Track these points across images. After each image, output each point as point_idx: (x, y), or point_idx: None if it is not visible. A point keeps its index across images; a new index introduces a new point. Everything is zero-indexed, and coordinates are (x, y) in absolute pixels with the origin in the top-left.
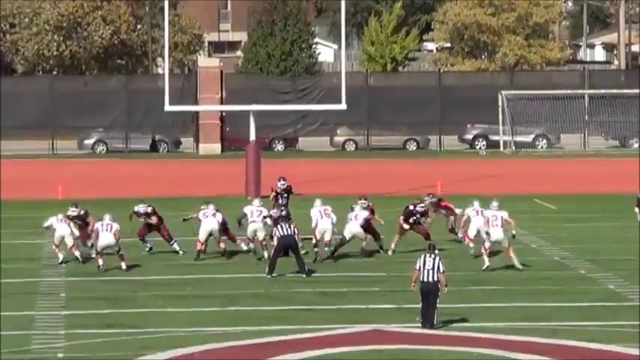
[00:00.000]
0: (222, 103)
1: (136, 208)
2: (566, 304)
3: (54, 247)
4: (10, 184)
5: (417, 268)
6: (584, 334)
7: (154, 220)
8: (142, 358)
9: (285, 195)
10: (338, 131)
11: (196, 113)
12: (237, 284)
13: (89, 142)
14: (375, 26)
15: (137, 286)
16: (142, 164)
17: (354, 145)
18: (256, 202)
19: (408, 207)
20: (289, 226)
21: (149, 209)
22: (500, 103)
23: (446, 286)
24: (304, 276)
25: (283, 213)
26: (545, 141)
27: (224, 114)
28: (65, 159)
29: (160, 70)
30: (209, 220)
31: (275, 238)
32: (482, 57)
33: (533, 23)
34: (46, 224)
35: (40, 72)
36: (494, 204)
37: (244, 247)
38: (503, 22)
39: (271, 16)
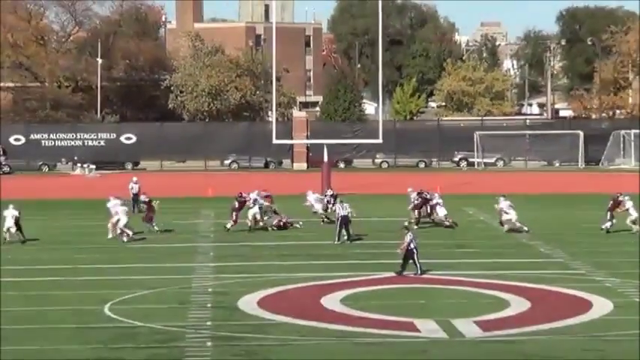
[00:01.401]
0: (307, 138)
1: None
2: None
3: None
4: (179, 187)
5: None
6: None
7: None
8: (264, 292)
9: (334, 195)
10: (377, 156)
11: (292, 145)
12: (315, 247)
13: (227, 161)
14: (399, 92)
15: (257, 248)
16: (259, 175)
17: (386, 164)
18: (312, 195)
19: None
20: (346, 208)
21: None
22: (475, 139)
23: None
24: (349, 242)
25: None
26: (502, 162)
27: (309, 145)
28: (213, 172)
29: (270, 119)
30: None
31: (338, 216)
32: (464, 111)
33: (495, 91)
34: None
35: (198, 120)
36: (501, 199)
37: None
38: (477, 90)
39: (337, 86)
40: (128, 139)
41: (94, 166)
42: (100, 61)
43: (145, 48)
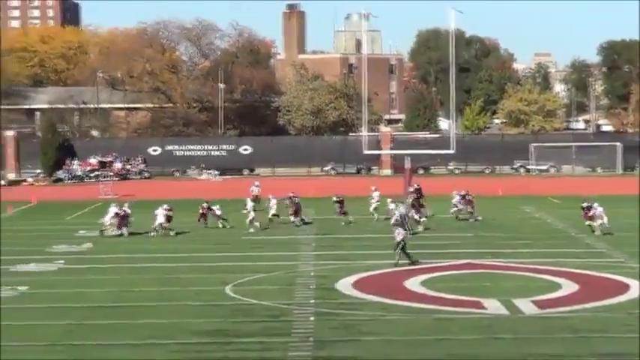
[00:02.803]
0: (392, 149)
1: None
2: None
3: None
4: (287, 189)
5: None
6: (583, 266)
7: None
8: (357, 275)
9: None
10: (450, 164)
11: (379, 154)
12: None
13: (326, 168)
14: (468, 111)
15: (351, 240)
16: (352, 180)
17: (458, 170)
18: (376, 194)
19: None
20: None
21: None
22: (530, 150)
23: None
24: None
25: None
26: (553, 169)
27: (393, 155)
28: (314, 177)
29: (361, 133)
30: None
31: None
32: (521, 126)
33: (547, 110)
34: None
35: (302, 134)
36: (596, 204)
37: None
38: (532, 109)
39: (416, 106)
40: (245, 150)
41: (217, 172)
42: (221, 86)
43: (258, 75)
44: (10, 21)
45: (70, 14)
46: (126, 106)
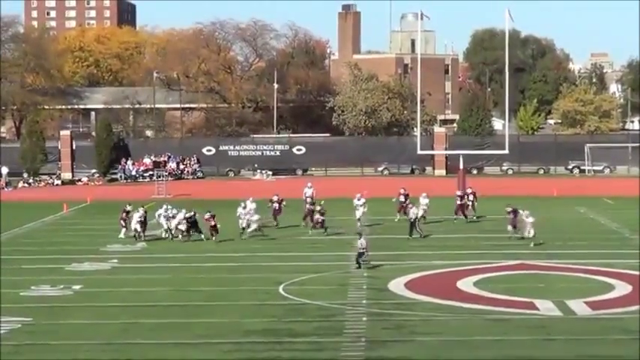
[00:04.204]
0: (446, 149)
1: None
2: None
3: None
4: (340, 189)
5: None
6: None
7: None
8: (409, 276)
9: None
10: (504, 164)
11: (433, 155)
12: (445, 240)
13: (380, 168)
14: (522, 112)
15: (401, 240)
16: (406, 180)
17: (512, 170)
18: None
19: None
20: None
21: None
22: (585, 150)
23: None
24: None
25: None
26: (608, 169)
27: (447, 155)
28: (368, 177)
29: (415, 134)
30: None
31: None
32: (577, 127)
33: (603, 110)
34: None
35: (356, 134)
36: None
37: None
38: (587, 110)
39: (470, 106)
40: (299, 150)
41: (270, 172)
42: (276, 86)
43: (312, 75)
44: (67, 21)
45: (126, 15)
46: (181, 106)
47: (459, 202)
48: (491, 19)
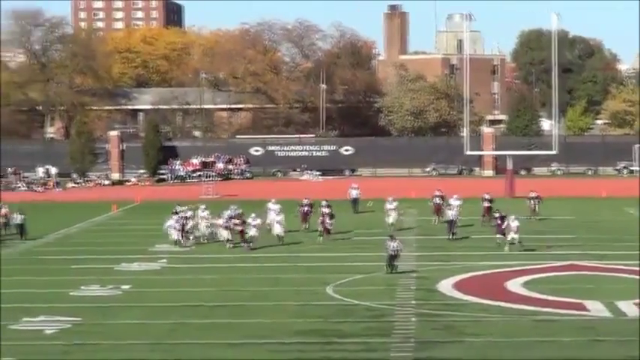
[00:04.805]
0: (494, 150)
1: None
2: None
3: None
4: (388, 190)
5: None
6: None
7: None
8: (458, 277)
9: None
10: (552, 164)
11: (481, 155)
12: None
13: (427, 169)
14: (570, 112)
15: (450, 241)
16: (453, 181)
17: (560, 171)
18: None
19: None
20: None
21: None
22: (634, 151)
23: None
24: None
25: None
26: None
27: (495, 156)
28: (416, 177)
29: (463, 134)
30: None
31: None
32: (626, 127)
33: None
34: None
35: (404, 135)
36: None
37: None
38: (636, 110)
39: (518, 106)
40: (347, 150)
41: (318, 173)
42: (323, 86)
43: (359, 76)
44: (115, 22)
45: (173, 15)
46: (228, 106)
47: (486, 205)
48: (539, 20)
